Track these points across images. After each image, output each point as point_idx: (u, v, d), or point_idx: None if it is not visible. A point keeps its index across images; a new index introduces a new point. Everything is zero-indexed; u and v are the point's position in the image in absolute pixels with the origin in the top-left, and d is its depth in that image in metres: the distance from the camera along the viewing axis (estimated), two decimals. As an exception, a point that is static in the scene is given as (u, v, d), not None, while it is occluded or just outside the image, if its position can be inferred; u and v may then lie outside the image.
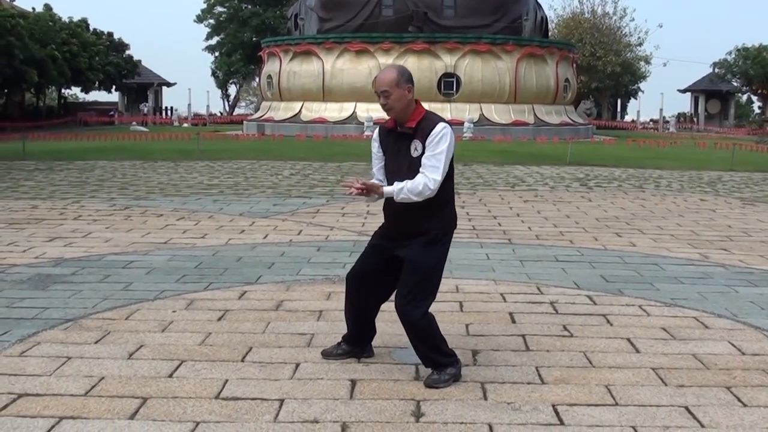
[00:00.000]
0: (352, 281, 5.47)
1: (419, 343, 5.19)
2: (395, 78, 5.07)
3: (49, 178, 18.37)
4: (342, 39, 41.94)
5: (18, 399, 4.75)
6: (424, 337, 5.17)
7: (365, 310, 5.54)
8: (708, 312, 6.96)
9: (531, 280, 8.15)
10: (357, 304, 5.49)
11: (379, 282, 5.40)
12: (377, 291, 5.45)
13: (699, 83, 72.23)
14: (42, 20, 48.29)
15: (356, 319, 5.55)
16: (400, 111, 5.10)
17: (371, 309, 5.56)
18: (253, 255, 9.30)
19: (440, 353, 5.19)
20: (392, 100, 5.07)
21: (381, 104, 5.12)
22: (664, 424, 4.52)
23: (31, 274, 8.12)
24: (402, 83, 5.07)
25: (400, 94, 5.07)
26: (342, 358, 5.54)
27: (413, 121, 5.12)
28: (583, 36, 63.84)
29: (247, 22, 70.10)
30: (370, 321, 5.59)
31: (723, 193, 17.11)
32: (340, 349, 5.59)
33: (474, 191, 16.50)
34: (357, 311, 5.52)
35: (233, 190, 16.03)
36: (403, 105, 5.10)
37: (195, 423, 4.45)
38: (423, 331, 5.16)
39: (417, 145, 5.09)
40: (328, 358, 5.56)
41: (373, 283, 5.40)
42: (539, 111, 42.70)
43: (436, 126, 5.07)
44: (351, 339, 5.61)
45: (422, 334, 5.16)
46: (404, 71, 5.15)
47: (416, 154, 5.08)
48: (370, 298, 5.48)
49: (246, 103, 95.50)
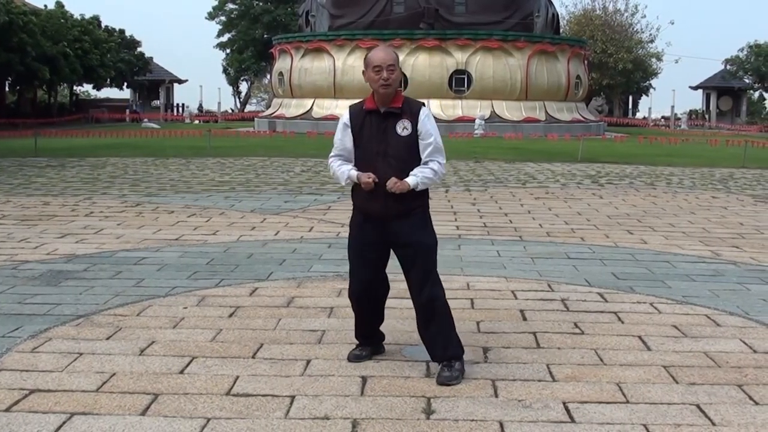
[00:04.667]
0: (358, 301, 5.43)
1: (444, 324, 5.19)
2: (396, 56, 5.18)
3: (61, 174, 18.43)
4: (353, 36, 41.95)
5: (30, 395, 4.77)
6: (448, 314, 5.22)
7: (378, 312, 5.54)
8: (719, 310, 6.94)
9: (542, 278, 8.14)
10: (369, 312, 5.48)
11: (380, 281, 5.42)
12: (381, 289, 5.46)
13: (711, 80, 72.00)
14: (54, 17, 48.45)
15: (371, 323, 5.53)
16: (393, 90, 5.13)
17: (382, 306, 5.55)
18: (265, 251, 9.31)
19: (457, 335, 5.26)
20: (396, 75, 5.11)
21: (382, 79, 5.05)
22: (675, 422, 4.50)
23: (43, 271, 8.15)
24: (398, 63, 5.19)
25: (399, 73, 5.17)
26: (369, 359, 5.48)
27: (398, 101, 5.15)
28: (595, 33, 63.62)
29: (259, 19, 70.11)
30: (382, 313, 5.59)
31: (735, 190, 17.05)
32: (366, 351, 5.52)
33: (485, 188, 16.48)
34: (369, 316, 5.50)
35: (244, 187, 16.05)
36: (397, 84, 5.16)
37: (206, 419, 4.46)
38: (446, 306, 5.22)
39: (406, 125, 5.11)
40: (360, 360, 5.45)
41: (376, 287, 5.41)
42: (550, 108, 42.63)
43: (421, 107, 5.17)
44: (369, 340, 5.57)
45: (446, 310, 5.21)
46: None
47: (405, 133, 5.10)
48: (379, 301, 5.50)
49: (257, 100, 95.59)
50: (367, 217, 5.23)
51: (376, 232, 5.21)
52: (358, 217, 5.32)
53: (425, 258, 5.20)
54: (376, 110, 5.16)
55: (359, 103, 5.29)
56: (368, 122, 5.17)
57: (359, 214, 5.30)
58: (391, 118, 5.12)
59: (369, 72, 5.12)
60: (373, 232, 5.22)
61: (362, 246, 5.28)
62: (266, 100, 79.39)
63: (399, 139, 5.09)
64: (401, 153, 5.07)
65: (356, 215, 5.35)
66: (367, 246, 5.26)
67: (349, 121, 5.23)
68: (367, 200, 5.16)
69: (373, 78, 5.10)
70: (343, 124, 5.25)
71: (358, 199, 5.25)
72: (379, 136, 5.12)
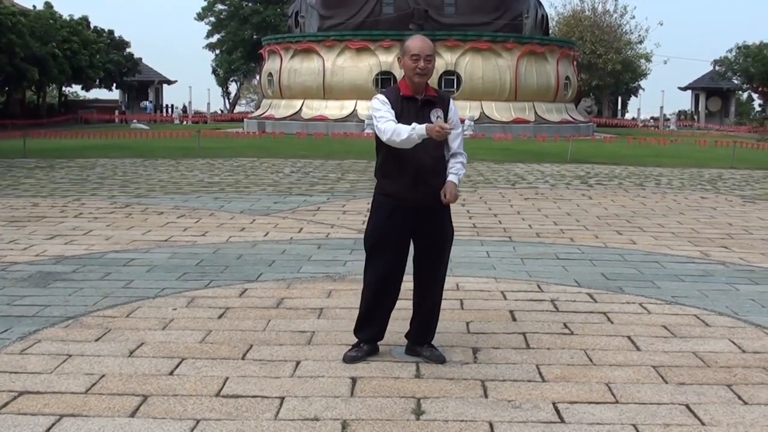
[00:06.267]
0: (377, 291, 5.45)
1: (436, 313, 5.53)
2: (434, 47, 5.34)
3: (50, 175, 18.37)
4: (343, 37, 41.95)
5: (19, 397, 4.75)
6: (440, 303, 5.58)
7: (395, 299, 5.58)
8: (708, 310, 6.96)
9: (531, 278, 8.15)
10: (387, 301, 5.52)
11: (402, 269, 5.49)
12: (401, 275, 5.52)
13: (700, 81, 72.24)
14: (43, 18, 48.35)
15: (384, 313, 5.55)
16: (427, 79, 5.30)
17: (398, 293, 5.60)
18: (254, 253, 9.30)
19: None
20: (432, 65, 5.27)
21: (420, 68, 5.19)
22: (664, 421, 4.51)
23: (32, 272, 8.12)
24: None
25: (434, 63, 5.34)
26: (364, 360, 5.48)
27: (431, 90, 5.36)
28: (584, 34, 63.78)
29: (248, 20, 70.05)
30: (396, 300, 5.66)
31: (723, 190, 17.10)
32: (361, 352, 5.51)
33: (474, 189, 16.50)
34: (387, 304, 5.53)
35: (234, 188, 16.03)
36: (432, 74, 5.30)
37: (195, 421, 4.45)
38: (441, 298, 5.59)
39: (439, 113, 5.28)
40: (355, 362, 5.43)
41: (398, 274, 5.48)
42: (540, 109, 42.72)
43: (449, 98, 5.43)
44: (375, 338, 5.58)
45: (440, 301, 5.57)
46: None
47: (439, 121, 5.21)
48: (398, 287, 5.55)
49: (246, 100, 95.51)
50: (399, 206, 5.28)
51: (407, 221, 5.30)
52: (388, 207, 5.33)
53: (443, 249, 5.42)
54: (413, 97, 5.29)
55: (392, 89, 5.41)
56: (406, 107, 5.27)
57: (390, 204, 5.31)
58: (427, 105, 5.29)
59: (406, 59, 5.24)
60: (404, 221, 5.30)
61: (389, 234, 5.33)
62: (256, 100, 79.37)
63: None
64: (435, 140, 5.12)
65: (385, 204, 5.35)
66: (395, 234, 5.32)
67: (387, 101, 5.28)
68: (405, 189, 5.24)
69: (409, 66, 5.22)
70: (381, 101, 5.29)
71: (392, 187, 5.29)
72: (414, 121, 5.16)
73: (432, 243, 5.37)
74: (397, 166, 5.25)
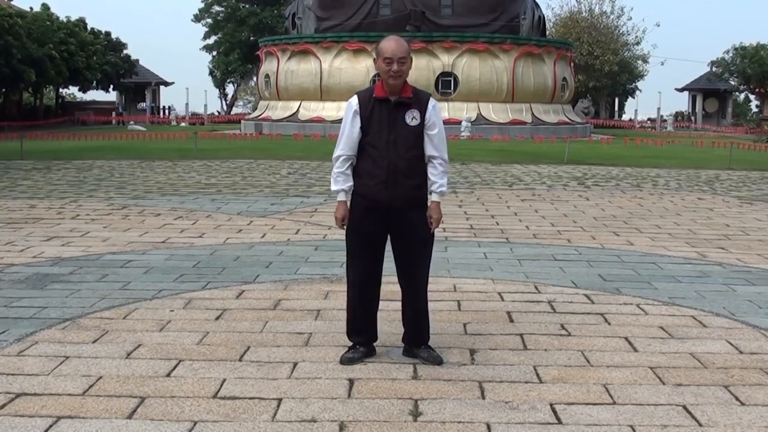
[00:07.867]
0: (360, 291, 5.46)
1: (423, 316, 5.49)
2: (408, 47, 5.23)
3: (47, 177, 18.36)
4: (339, 38, 41.92)
5: (16, 398, 4.75)
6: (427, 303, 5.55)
7: (377, 298, 5.58)
8: (706, 311, 6.97)
9: (529, 279, 8.15)
10: (369, 300, 5.51)
11: (380, 270, 5.48)
12: (380, 276, 5.52)
13: (696, 82, 72.25)
14: (40, 20, 48.26)
15: (369, 313, 5.54)
16: (403, 81, 5.20)
17: (379, 293, 5.59)
18: (251, 254, 9.29)
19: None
20: (406, 67, 5.18)
21: (393, 70, 5.12)
22: (662, 423, 4.52)
23: (29, 274, 8.12)
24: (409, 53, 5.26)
25: (410, 64, 5.22)
26: (361, 361, 5.48)
27: (408, 91, 5.23)
28: (581, 35, 63.84)
29: (245, 22, 70.03)
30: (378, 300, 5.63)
31: (720, 191, 17.12)
32: (358, 353, 5.51)
33: (472, 190, 16.50)
34: (370, 303, 5.53)
35: (231, 190, 16.02)
36: (407, 75, 5.22)
37: (193, 422, 4.45)
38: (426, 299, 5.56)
39: (415, 114, 5.19)
40: (352, 363, 5.43)
41: (376, 275, 5.48)
42: (537, 110, 42.69)
43: (429, 98, 5.27)
44: (370, 339, 5.58)
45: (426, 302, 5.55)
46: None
47: (414, 123, 5.18)
48: (378, 287, 5.55)
49: (244, 102, 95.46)
50: (372, 207, 5.26)
51: (380, 222, 5.28)
52: (361, 207, 5.32)
53: (420, 252, 5.36)
54: (386, 99, 5.22)
55: (367, 89, 5.34)
56: (378, 110, 5.21)
57: (363, 204, 5.30)
58: (402, 107, 5.20)
59: (380, 62, 5.19)
60: (377, 221, 5.28)
61: (365, 234, 5.33)
62: (252, 102, 79.33)
63: (408, 129, 5.17)
64: (410, 142, 5.13)
65: (359, 204, 5.33)
66: (370, 235, 5.32)
67: (358, 107, 5.24)
68: (376, 190, 5.20)
69: (383, 68, 5.17)
70: (353, 111, 5.25)
71: (364, 188, 5.27)
72: (389, 125, 5.15)
73: (406, 245, 5.34)
74: (369, 166, 5.22)
